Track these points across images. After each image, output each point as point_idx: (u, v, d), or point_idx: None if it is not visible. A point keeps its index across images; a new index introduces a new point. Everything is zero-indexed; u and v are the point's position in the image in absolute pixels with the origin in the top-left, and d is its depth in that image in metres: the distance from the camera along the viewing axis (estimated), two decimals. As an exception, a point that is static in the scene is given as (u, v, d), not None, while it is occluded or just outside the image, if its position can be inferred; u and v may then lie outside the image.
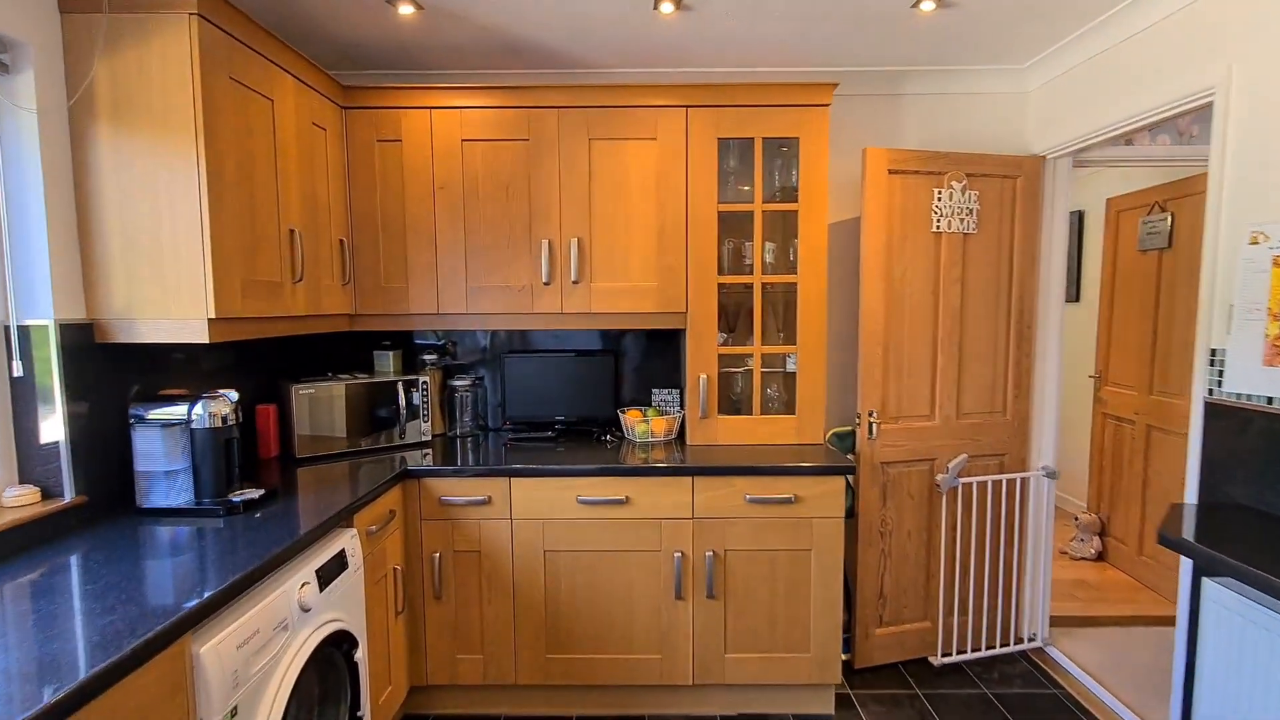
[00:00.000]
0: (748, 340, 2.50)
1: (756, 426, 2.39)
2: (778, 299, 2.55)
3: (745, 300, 2.55)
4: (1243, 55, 1.69)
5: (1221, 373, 1.75)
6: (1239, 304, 1.68)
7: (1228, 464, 1.74)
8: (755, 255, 2.36)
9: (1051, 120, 2.52)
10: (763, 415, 2.41)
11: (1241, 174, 1.69)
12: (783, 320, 2.57)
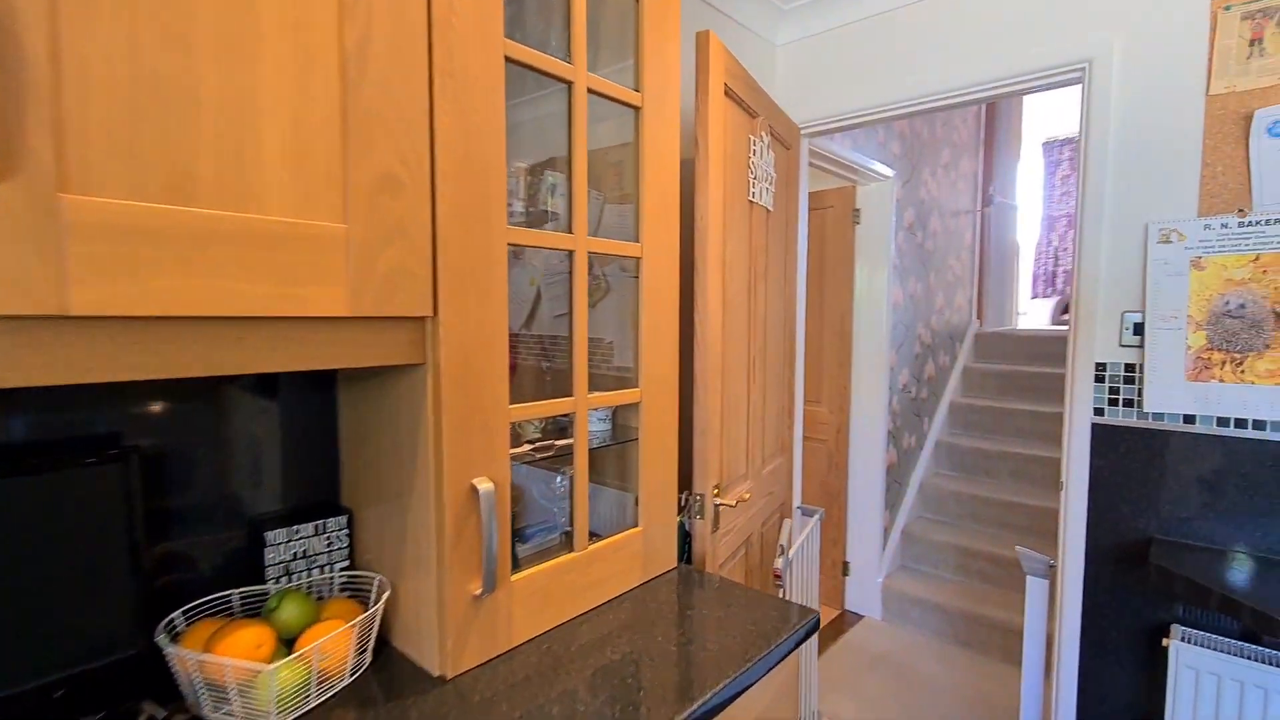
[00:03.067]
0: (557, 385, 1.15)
1: (586, 572, 1.07)
2: (608, 291, 1.27)
3: (556, 292, 1.17)
4: (1129, 26, 1.48)
5: (1115, 390, 1.53)
6: (1151, 312, 1.47)
7: (1129, 494, 1.52)
8: (575, 192, 1.04)
9: (808, 87, 2.06)
10: (595, 544, 1.11)
11: (1130, 165, 1.48)
12: (615, 335, 1.30)
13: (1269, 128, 1.31)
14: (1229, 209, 1.36)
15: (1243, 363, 1.35)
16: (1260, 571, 1.29)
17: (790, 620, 1.04)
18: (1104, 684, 1.57)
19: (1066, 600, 1.61)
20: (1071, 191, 6.86)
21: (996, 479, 3.26)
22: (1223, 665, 1.31)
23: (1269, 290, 1.32)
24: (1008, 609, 2.66)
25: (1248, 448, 1.36)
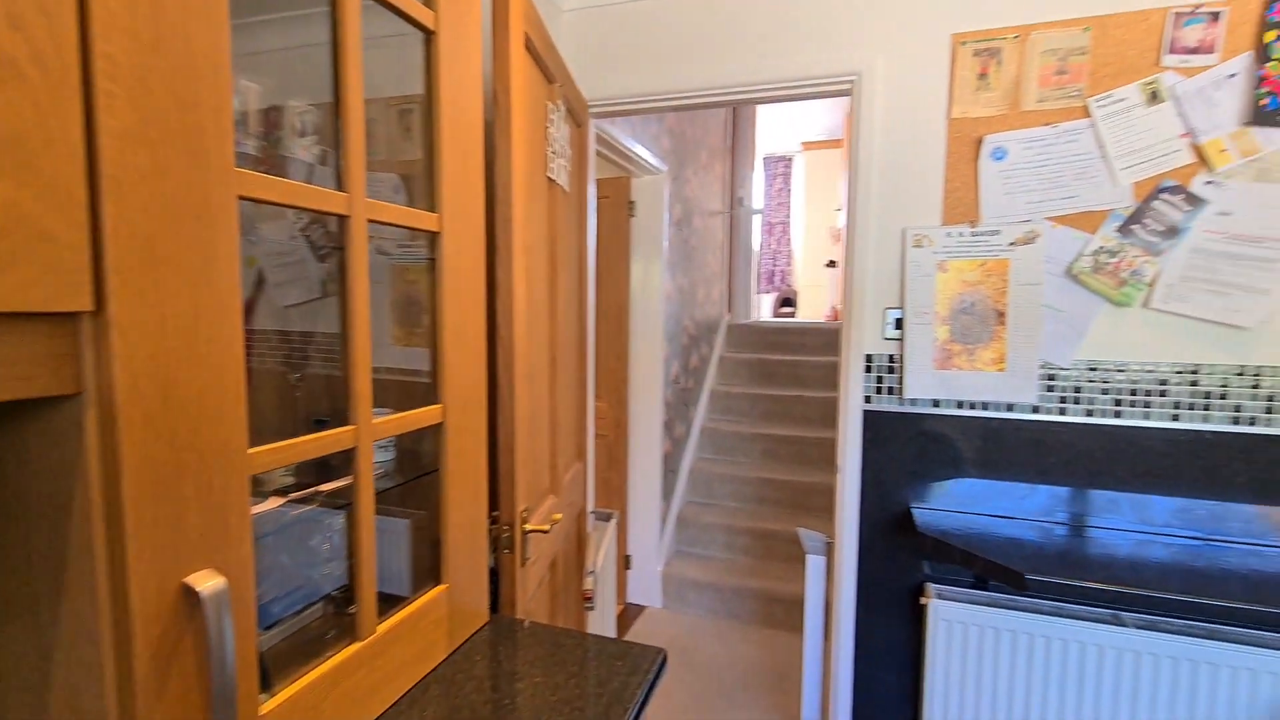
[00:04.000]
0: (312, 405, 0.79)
1: (377, 664, 0.76)
2: (403, 283, 0.91)
3: (289, 275, 0.79)
4: (891, 47, 1.62)
5: (880, 379, 1.68)
6: (909, 308, 1.63)
7: (893, 471, 1.69)
8: (349, 134, 0.72)
9: (594, 62, 1.92)
10: (386, 620, 0.80)
11: (891, 175, 1.63)
12: (413, 338, 0.95)
13: (992, 152, 1.53)
14: (964, 220, 1.57)
15: (974, 353, 1.58)
16: (993, 530, 1.52)
17: (640, 667, 0.89)
18: (876, 640, 1.74)
19: (843, 570, 1.74)
20: (785, 202, 8.00)
21: (751, 459, 3.57)
22: (968, 614, 1.52)
23: (992, 291, 1.56)
24: (773, 579, 2.91)
25: (978, 425, 1.61)
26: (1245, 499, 1.45)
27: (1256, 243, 1.37)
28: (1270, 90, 1.35)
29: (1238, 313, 1.40)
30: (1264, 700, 1.32)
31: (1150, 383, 1.48)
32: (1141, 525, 1.51)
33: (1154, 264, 1.44)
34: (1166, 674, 1.38)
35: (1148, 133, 1.42)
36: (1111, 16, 1.44)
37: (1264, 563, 1.34)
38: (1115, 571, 1.30)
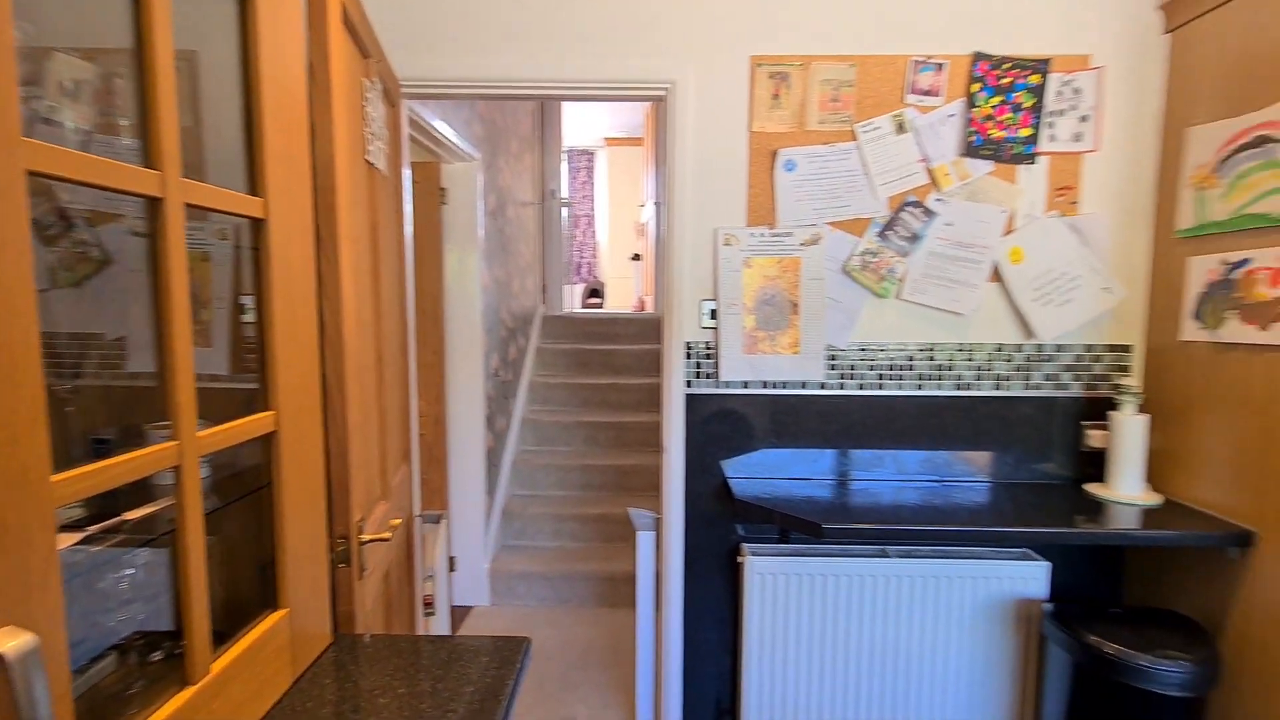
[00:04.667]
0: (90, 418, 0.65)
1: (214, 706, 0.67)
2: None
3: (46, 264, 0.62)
4: (700, 61, 1.76)
5: (699, 365, 1.84)
6: (721, 300, 1.80)
7: (713, 447, 1.86)
8: (158, 94, 0.61)
9: (405, 38, 1.81)
10: (221, 656, 0.69)
11: (703, 178, 1.79)
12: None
13: (785, 164, 1.76)
14: (764, 222, 1.78)
15: (775, 339, 1.81)
16: (794, 492, 1.76)
17: (509, 659, 0.90)
18: (702, 603, 1.91)
19: (671, 542, 1.89)
20: (589, 195, 8.21)
21: (573, 446, 3.65)
22: (777, 565, 1.75)
23: (787, 285, 1.79)
24: (603, 560, 3.03)
25: (779, 402, 1.85)
26: (966, 447, 1.86)
27: (969, 248, 1.77)
28: (976, 130, 1.74)
29: (958, 302, 1.79)
30: (983, 598, 1.72)
31: (903, 359, 1.83)
32: (899, 475, 1.87)
33: (903, 263, 1.78)
34: (919, 589, 1.73)
35: (897, 156, 1.75)
36: (870, 57, 1.73)
37: (980, 495, 1.75)
38: (882, 515, 1.60)
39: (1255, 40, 1.47)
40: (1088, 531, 1.49)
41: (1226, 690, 1.50)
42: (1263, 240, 1.44)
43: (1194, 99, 1.63)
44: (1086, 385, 1.82)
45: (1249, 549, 1.46)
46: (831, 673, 1.77)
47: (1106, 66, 1.72)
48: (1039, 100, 1.73)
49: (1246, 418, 1.48)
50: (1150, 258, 1.77)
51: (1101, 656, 1.46)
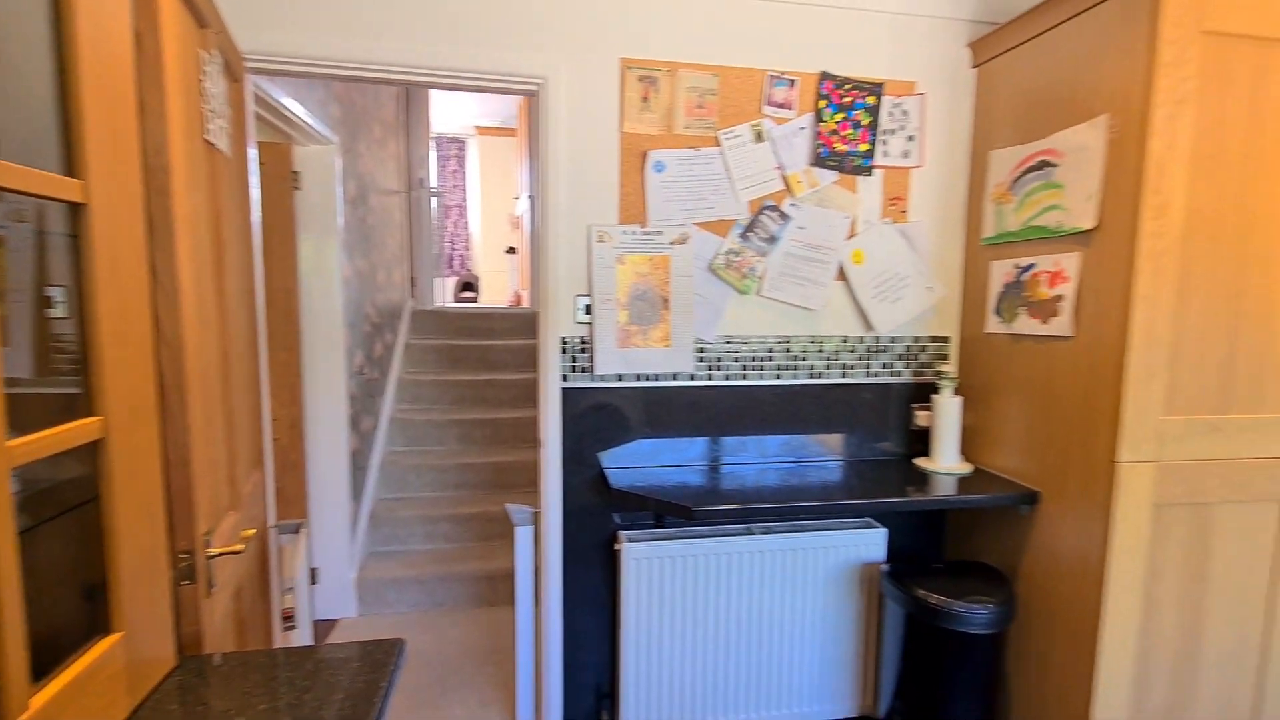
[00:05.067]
0: None
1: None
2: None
3: None
4: (573, 59, 1.78)
5: (574, 359, 1.87)
6: (596, 295, 1.84)
7: (590, 440, 1.90)
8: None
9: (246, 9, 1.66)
10: (39, 690, 0.61)
11: (577, 176, 1.81)
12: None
13: (655, 165, 1.83)
14: (636, 220, 1.85)
15: (648, 333, 1.88)
16: (667, 479, 1.85)
17: (382, 663, 0.87)
18: (582, 592, 1.95)
19: (549, 536, 1.91)
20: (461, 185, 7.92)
21: (447, 445, 3.54)
22: (652, 550, 1.83)
23: (658, 281, 1.87)
24: (481, 559, 2.97)
25: (652, 394, 1.92)
26: (819, 430, 2.05)
27: (819, 249, 1.95)
28: (823, 142, 1.91)
29: (810, 299, 1.96)
30: (833, 564, 1.92)
31: (763, 351, 1.98)
32: (762, 458, 2.02)
33: (762, 262, 1.93)
34: (779, 562, 1.89)
35: (756, 163, 1.88)
36: (731, 68, 1.85)
37: (831, 473, 1.94)
38: (746, 496, 1.72)
39: (1037, 80, 1.75)
40: (915, 499, 1.71)
41: (1020, 624, 1.80)
42: (1044, 248, 1.73)
43: (995, 126, 1.92)
44: (915, 372, 2.08)
45: (1035, 506, 1.75)
46: (704, 647, 1.88)
47: (928, 94, 1.97)
48: (875, 119, 1.94)
49: (1032, 397, 1.77)
50: (963, 261, 2.05)
51: (927, 606, 1.68)
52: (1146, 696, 1.60)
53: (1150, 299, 1.47)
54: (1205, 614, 1.60)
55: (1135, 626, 1.56)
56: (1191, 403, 1.52)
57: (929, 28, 1.96)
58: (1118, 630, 1.55)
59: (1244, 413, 1.55)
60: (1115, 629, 1.55)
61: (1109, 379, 1.52)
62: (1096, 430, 1.56)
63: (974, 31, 1.98)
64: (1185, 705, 1.62)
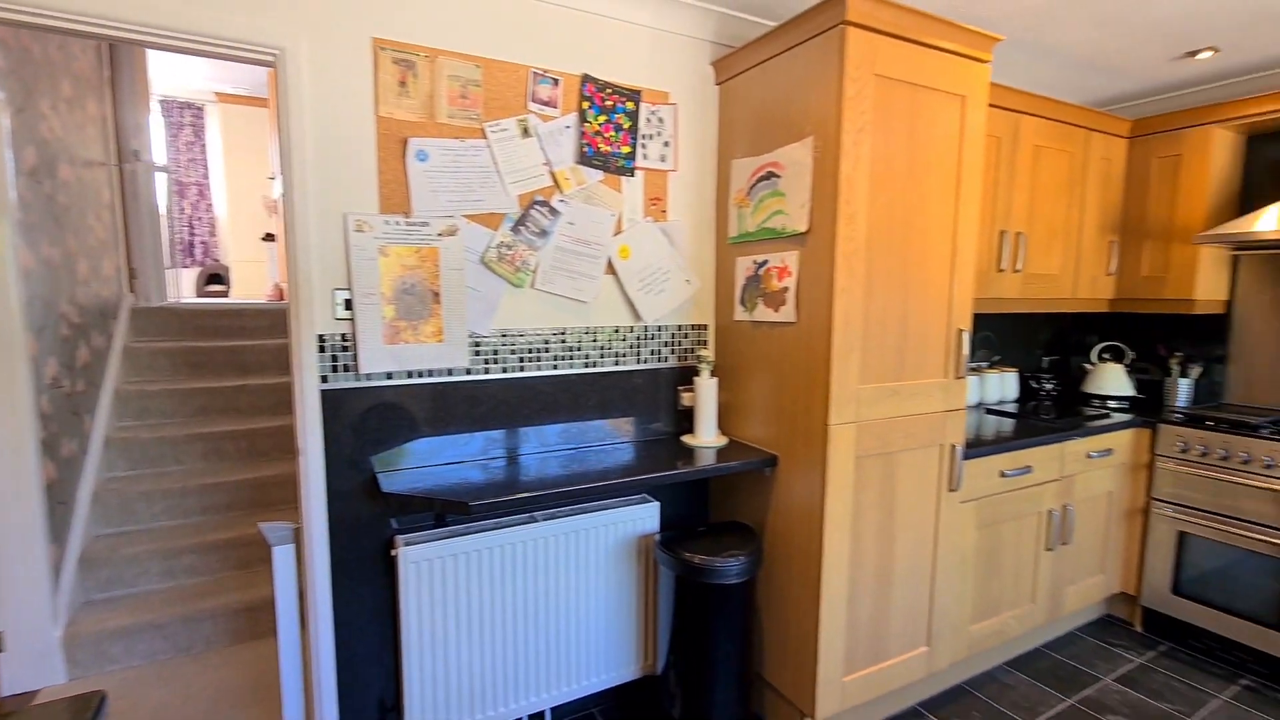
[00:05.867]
0: None
1: None
2: None
3: None
4: (316, 32, 1.63)
5: (335, 358, 1.73)
6: (356, 289, 1.72)
7: (357, 444, 1.78)
8: None
9: None
10: None
11: (328, 160, 1.67)
12: None
13: (417, 153, 1.76)
14: (400, 210, 1.76)
15: (418, 328, 1.82)
16: (447, 476, 1.81)
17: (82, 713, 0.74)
18: (358, 606, 1.83)
19: (315, 552, 1.76)
20: (200, 159, 6.76)
21: (188, 464, 3.04)
22: (432, 550, 1.78)
23: (427, 274, 1.81)
24: (234, 590, 2.61)
25: (427, 391, 1.86)
26: (597, 416, 2.16)
27: (588, 245, 2.04)
28: (588, 142, 2.01)
29: (582, 291, 2.06)
30: (614, 540, 2.05)
31: (539, 343, 2.03)
32: (543, 448, 2.07)
33: (535, 256, 1.97)
34: (565, 544, 1.97)
35: (524, 158, 1.91)
36: (495, 61, 1.85)
37: (608, 455, 2.06)
38: (528, 485, 1.76)
39: (764, 101, 2.03)
40: (676, 473, 1.90)
41: (767, 570, 2.10)
42: (774, 247, 2.01)
43: (735, 138, 2.18)
44: (680, 357, 2.29)
45: (775, 468, 2.05)
46: (492, 639, 1.89)
47: (680, 104, 2.17)
48: (635, 124, 2.08)
49: (770, 375, 2.06)
50: (715, 257, 2.31)
51: (692, 565, 1.88)
52: (858, 609, 1.97)
53: (847, 291, 1.80)
54: (895, 538, 2.02)
55: (846, 555, 1.91)
56: (878, 373, 1.90)
57: (680, 44, 2.15)
58: (833, 559, 1.89)
59: (912, 379, 1.97)
60: (832, 559, 1.88)
61: (821, 356, 1.84)
62: (814, 400, 1.87)
63: (716, 52, 2.23)
64: (885, 609, 2.03)
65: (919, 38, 1.82)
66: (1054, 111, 2.63)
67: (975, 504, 2.22)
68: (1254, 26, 2.25)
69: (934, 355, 2.01)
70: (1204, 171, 2.70)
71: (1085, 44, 2.42)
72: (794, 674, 2.00)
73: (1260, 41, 2.38)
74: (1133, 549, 2.73)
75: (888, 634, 2.05)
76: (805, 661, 1.95)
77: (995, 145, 2.51)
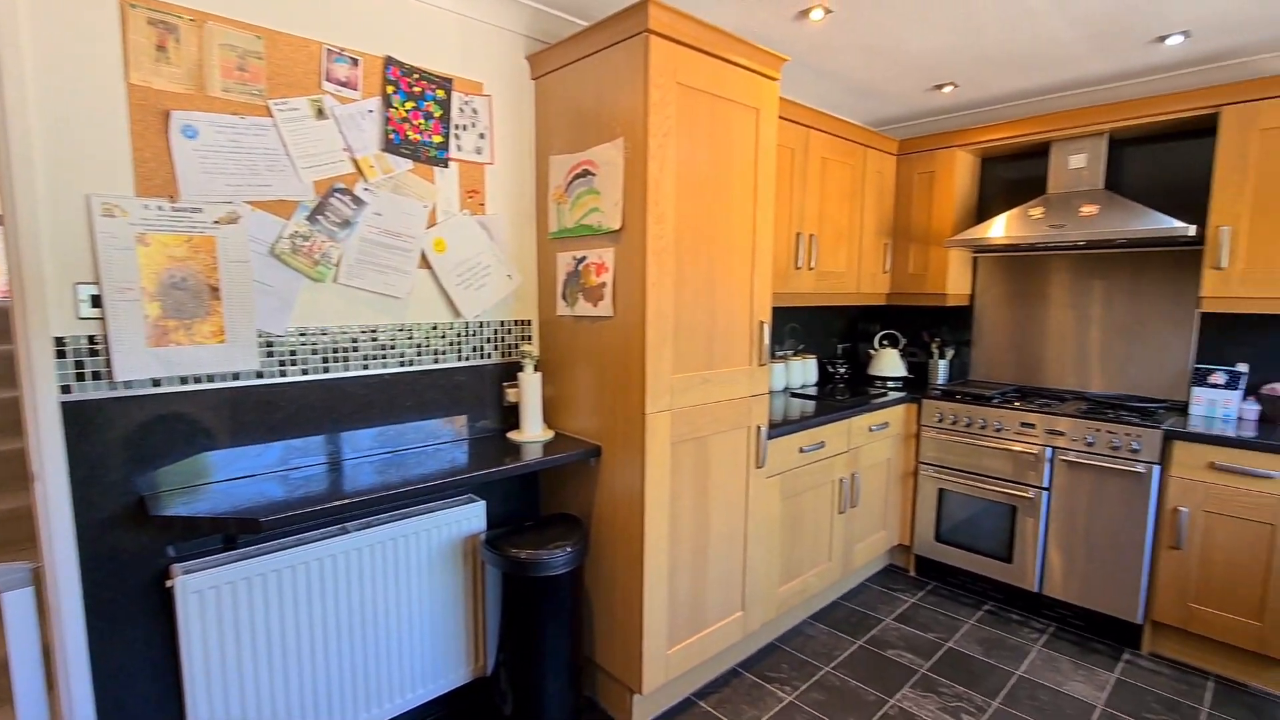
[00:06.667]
0: None
1: None
2: None
3: None
4: (34, -25, 1.35)
5: (81, 365, 1.47)
6: (107, 284, 1.47)
7: (116, 463, 1.52)
8: None
9: None
10: None
11: (62, 132, 1.41)
12: None
13: (183, 129, 1.55)
14: (164, 193, 1.54)
15: (192, 327, 1.60)
16: (239, 491, 1.62)
17: None
18: (125, 657, 1.57)
19: (62, 596, 1.49)
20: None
21: (-120, 505, 2.41)
22: (219, 576, 1.58)
23: (203, 267, 1.60)
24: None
25: (208, 397, 1.65)
26: (416, 417, 2.07)
27: (399, 237, 1.94)
28: (395, 129, 1.90)
29: (393, 286, 1.95)
30: (437, 544, 1.97)
31: (346, 342, 1.89)
32: (355, 453, 1.94)
33: (338, 248, 1.83)
34: (382, 553, 1.86)
35: (320, 141, 1.76)
36: (280, 34, 1.68)
37: (431, 457, 1.97)
38: (341, 494, 1.64)
39: (579, 99, 2.06)
40: (503, 469, 1.88)
41: (594, 557, 2.16)
42: (591, 244, 2.06)
43: (553, 134, 2.19)
44: (504, 353, 2.26)
45: (599, 458, 2.11)
46: (300, 666, 1.73)
47: (494, 96, 2.13)
48: (446, 112, 2.01)
49: (592, 368, 2.11)
50: (536, 252, 2.31)
51: (518, 561, 1.87)
52: (678, 584, 2.10)
53: (659, 286, 1.90)
54: (710, 515, 2.18)
55: (666, 534, 2.02)
56: (690, 364, 2.03)
57: (493, 35, 2.11)
58: (654, 540, 1.99)
59: (720, 368, 2.14)
60: (653, 539, 1.98)
61: (637, 349, 1.92)
62: (632, 390, 1.95)
63: (531, 46, 2.22)
64: (703, 581, 2.18)
65: (717, 52, 1.96)
66: (837, 129, 2.99)
67: (779, 478, 2.46)
68: (981, 67, 2.73)
69: (739, 345, 2.19)
70: (951, 186, 3.23)
71: (858, 70, 2.77)
72: (622, 653, 2.08)
73: (987, 80, 2.89)
74: (906, 506, 3.20)
75: (706, 604, 2.20)
76: (631, 640, 2.03)
77: (790, 155, 2.79)
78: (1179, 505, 2.39)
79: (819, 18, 2.24)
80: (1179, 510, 2.39)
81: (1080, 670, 2.42)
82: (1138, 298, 2.96)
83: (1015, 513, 2.82)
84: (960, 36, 2.41)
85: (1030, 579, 2.79)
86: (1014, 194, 3.32)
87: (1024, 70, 2.75)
